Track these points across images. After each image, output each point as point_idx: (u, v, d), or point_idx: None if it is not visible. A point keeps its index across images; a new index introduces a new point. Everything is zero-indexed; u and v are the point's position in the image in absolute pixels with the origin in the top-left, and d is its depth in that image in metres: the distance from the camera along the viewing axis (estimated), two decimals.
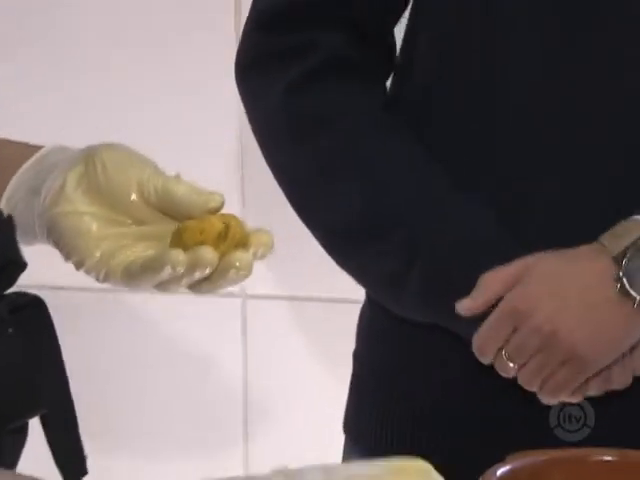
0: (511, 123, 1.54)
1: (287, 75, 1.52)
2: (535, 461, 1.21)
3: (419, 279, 1.47)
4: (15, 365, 1.27)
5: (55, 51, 2.59)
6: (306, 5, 1.54)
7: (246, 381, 2.69)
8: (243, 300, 2.66)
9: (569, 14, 1.52)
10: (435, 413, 1.51)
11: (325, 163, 1.53)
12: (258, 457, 2.70)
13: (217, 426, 2.75)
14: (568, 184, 1.52)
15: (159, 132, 2.53)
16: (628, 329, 1.39)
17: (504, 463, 1.17)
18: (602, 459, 1.22)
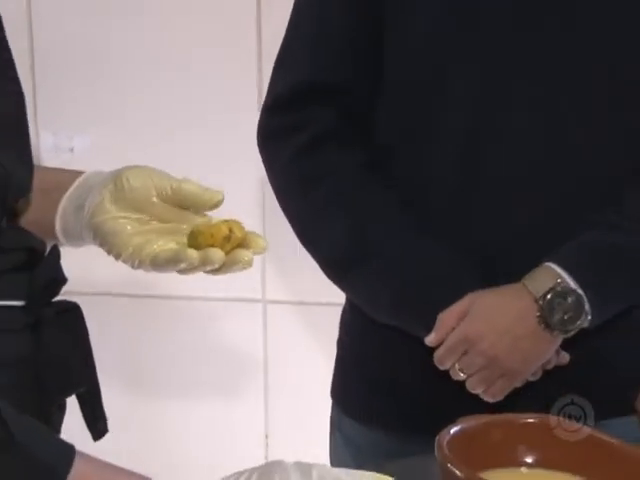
0: (450, 163, 1.70)
1: (291, 145, 1.76)
2: (478, 422, 1.37)
3: (389, 300, 1.71)
4: (61, 356, 1.43)
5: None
6: (304, 93, 1.75)
7: (267, 371, 2.80)
8: (264, 305, 2.79)
9: (494, 86, 1.67)
10: (403, 388, 1.73)
11: (317, 210, 1.75)
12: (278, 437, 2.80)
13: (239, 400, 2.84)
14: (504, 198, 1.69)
15: (197, 165, 2.52)
16: (547, 351, 1.64)
17: (456, 424, 1.34)
18: (526, 421, 1.38)
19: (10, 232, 1.38)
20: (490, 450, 1.35)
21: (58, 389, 1.41)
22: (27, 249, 1.39)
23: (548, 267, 1.62)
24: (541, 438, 1.37)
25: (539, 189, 1.67)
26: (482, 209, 1.69)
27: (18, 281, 1.37)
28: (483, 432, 1.37)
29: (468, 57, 1.68)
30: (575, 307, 1.61)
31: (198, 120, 2.61)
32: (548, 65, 1.66)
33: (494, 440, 1.36)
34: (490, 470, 1.31)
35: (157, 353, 2.70)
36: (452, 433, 1.33)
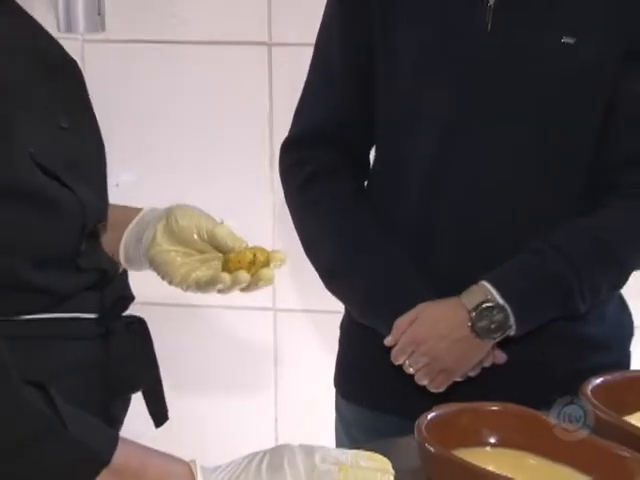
0: (414, 192, 1.71)
1: (298, 177, 1.79)
2: (451, 409, 1.39)
3: (359, 307, 1.75)
4: (126, 362, 1.41)
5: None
6: (311, 136, 1.78)
7: (276, 372, 2.76)
8: (274, 313, 2.74)
9: (442, 143, 1.68)
10: (384, 375, 1.72)
11: (313, 230, 1.79)
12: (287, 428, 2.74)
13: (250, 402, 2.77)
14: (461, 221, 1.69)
15: (222, 189, 2.54)
16: (478, 354, 1.65)
17: (432, 411, 1.36)
18: (490, 408, 1.40)
19: (88, 254, 1.37)
20: (460, 432, 1.36)
21: (122, 388, 1.41)
22: (100, 270, 1.39)
23: (482, 284, 1.63)
24: (502, 422, 1.38)
25: (483, 215, 1.68)
26: (439, 228, 1.70)
27: (92, 297, 1.37)
28: (455, 417, 1.38)
29: (430, 113, 1.69)
30: (501, 319, 1.62)
31: (220, 158, 2.60)
32: (490, 120, 1.67)
33: (463, 424, 1.37)
34: (460, 449, 1.32)
35: (183, 353, 2.68)
36: (429, 418, 1.34)
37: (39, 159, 1.27)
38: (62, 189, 1.30)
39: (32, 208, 1.27)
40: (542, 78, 1.65)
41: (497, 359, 1.67)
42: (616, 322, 1.78)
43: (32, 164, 1.27)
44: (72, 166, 1.33)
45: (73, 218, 1.32)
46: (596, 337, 1.73)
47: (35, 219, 1.28)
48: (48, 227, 1.30)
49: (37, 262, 1.29)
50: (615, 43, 1.64)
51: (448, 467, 1.28)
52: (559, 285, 1.64)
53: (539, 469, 1.31)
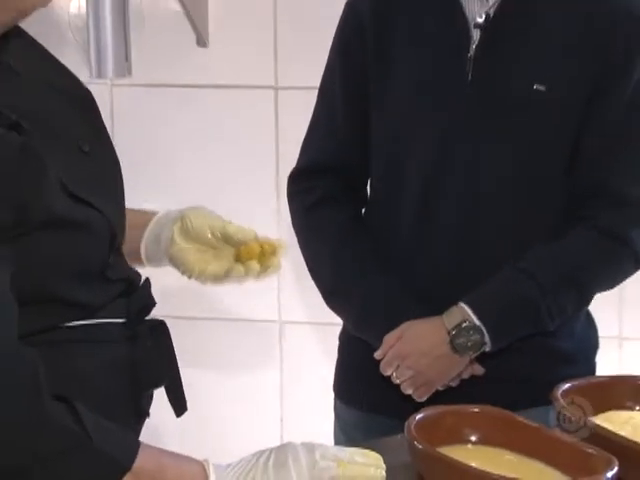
0: (405, 218, 1.71)
1: (303, 204, 1.79)
2: (436, 411, 1.38)
3: (353, 323, 1.74)
4: (154, 359, 1.40)
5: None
6: (314, 168, 1.78)
7: (282, 385, 2.73)
8: (280, 325, 2.72)
9: (430, 177, 1.68)
10: (378, 380, 1.70)
11: (315, 252, 1.79)
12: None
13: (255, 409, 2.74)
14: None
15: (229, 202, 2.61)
16: (457, 368, 1.65)
17: (419, 412, 1.36)
18: (472, 410, 1.39)
19: (114, 266, 1.36)
20: (445, 432, 1.35)
21: (148, 384, 1.41)
22: (126, 280, 1.39)
23: (460, 306, 1.63)
24: (482, 423, 1.38)
25: (466, 237, 1.68)
26: (427, 250, 1.71)
27: (120, 304, 1.36)
28: (440, 418, 1.38)
29: (418, 153, 1.70)
30: (477, 338, 1.62)
31: (233, 189, 2.59)
32: (472, 160, 1.67)
33: (447, 424, 1.37)
34: (445, 446, 1.32)
35: (197, 361, 2.63)
36: (417, 419, 1.34)
37: (70, 188, 1.26)
38: (91, 211, 1.30)
39: (66, 232, 1.27)
40: (517, 121, 1.64)
41: (475, 372, 1.67)
42: (584, 337, 1.77)
43: (64, 195, 1.26)
44: (96, 187, 1.33)
45: (102, 235, 1.33)
46: (566, 351, 1.72)
47: (69, 241, 1.28)
48: (81, 246, 1.30)
49: (73, 278, 1.29)
50: (580, 89, 1.63)
51: (434, 463, 1.29)
52: (529, 307, 1.64)
53: (514, 464, 1.30)
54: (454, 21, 1.65)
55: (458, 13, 1.64)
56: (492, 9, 1.63)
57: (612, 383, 1.47)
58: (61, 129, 1.33)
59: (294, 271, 2.43)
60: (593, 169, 1.67)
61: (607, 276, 1.71)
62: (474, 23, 1.64)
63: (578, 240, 1.67)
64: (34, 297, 1.24)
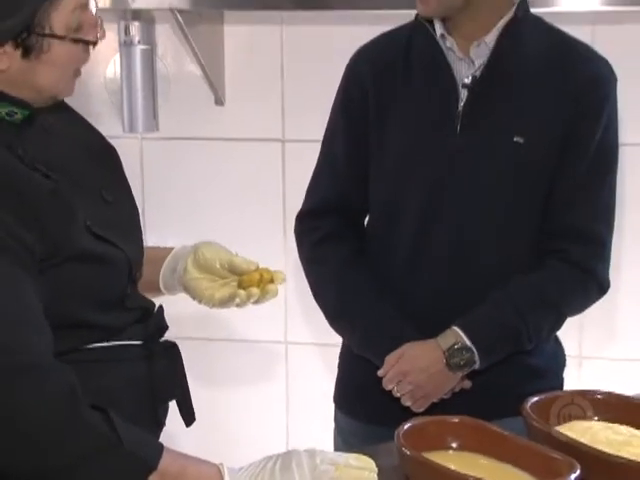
0: (401, 252, 1.69)
1: (309, 241, 1.78)
2: (422, 421, 1.39)
3: (357, 344, 1.72)
4: (167, 376, 1.42)
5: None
6: (319, 209, 1.77)
7: (287, 398, 2.67)
8: (286, 345, 2.65)
9: (423, 216, 1.66)
10: (374, 393, 1.68)
11: (320, 283, 1.78)
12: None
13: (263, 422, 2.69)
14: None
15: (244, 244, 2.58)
16: (450, 383, 1.63)
17: (407, 422, 1.36)
18: (452, 420, 1.39)
19: (132, 297, 1.38)
20: (429, 439, 1.35)
21: (163, 397, 1.41)
22: (142, 308, 1.40)
23: (454, 329, 1.62)
24: (460, 431, 1.38)
25: (454, 271, 1.67)
26: (420, 281, 1.69)
27: (137, 328, 1.38)
28: (424, 427, 1.38)
29: (410, 199, 1.68)
30: (468, 358, 1.61)
31: (245, 228, 2.55)
32: (458, 201, 1.66)
33: (431, 432, 1.37)
34: (428, 452, 1.32)
35: (208, 380, 2.60)
36: (405, 428, 1.35)
37: (95, 230, 1.28)
38: (112, 248, 1.31)
39: (90, 265, 1.28)
40: (499, 169, 1.63)
41: (465, 386, 1.66)
42: (553, 355, 1.76)
43: (90, 235, 1.27)
44: (117, 229, 1.33)
45: (122, 269, 1.33)
46: (537, 367, 1.71)
47: (92, 273, 1.28)
48: (102, 278, 1.30)
49: (95, 305, 1.30)
50: (554, 142, 1.62)
51: (419, 466, 1.29)
52: (512, 331, 1.63)
53: (488, 467, 1.30)
54: (445, 82, 1.63)
55: (448, 75, 1.63)
56: (478, 71, 1.62)
57: (574, 397, 1.47)
58: (86, 180, 1.33)
59: (298, 297, 2.44)
60: (562, 210, 1.65)
61: (577, 303, 1.70)
62: (462, 83, 1.63)
63: (553, 273, 1.66)
64: (62, 321, 1.24)
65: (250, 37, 2.48)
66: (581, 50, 1.66)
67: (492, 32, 1.60)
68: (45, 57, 1.25)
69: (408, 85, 1.66)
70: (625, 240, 1.85)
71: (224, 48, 2.48)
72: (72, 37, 1.25)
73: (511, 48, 1.61)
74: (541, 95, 1.62)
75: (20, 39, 1.22)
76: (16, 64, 1.24)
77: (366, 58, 1.72)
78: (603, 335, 2.39)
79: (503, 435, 1.34)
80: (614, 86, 1.65)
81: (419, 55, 1.65)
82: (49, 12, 1.23)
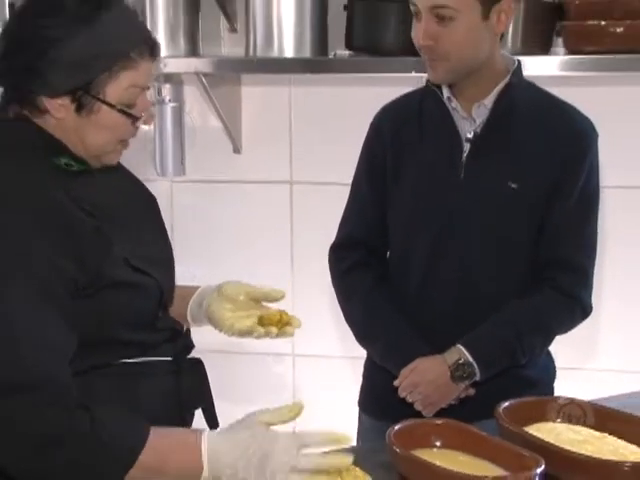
0: (414, 279, 1.69)
1: (339, 269, 1.78)
2: (410, 423, 1.37)
3: (380, 356, 1.72)
4: (193, 388, 1.39)
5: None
6: (347, 242, 1.76)
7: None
8: (293, 358, 2.61)
9: (433, 249, 1.66)
10: (392, 398, 1.67)
11: (351, 308, 1.76)
12: None
13: None
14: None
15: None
16: (455, 393, 1.63)
17: (398, 424, 1.33)
18: (435, 422, 1.40)
19: (163, 319, 1.37)
20: (416, 438, 1.34)
21: (189, 406, 1.38)
22: (172, 329, 1.38)
23: (458, 347, 1.63)
24: (444, 432, 1.36)
25: (459, 299, 1.67)
26: (430, 306, 1.69)
27: (167, 346, 1.36)
28: (412, 428, 1.37)
29: (421, 235, 1.69)
30: (470, 372, 1.62)
31: (257, 261, 2.54)
32: (462, 240, 1.65)
33: (418, 433, 1.36)
34: (415, 450, 1.30)
35: (221, 391, 2.54)
36: (395, 429, 1.33)
37: (132, 262, 1.27)
38: (147, 278, 1.30)
39: (126, 293, 1.27)
40: (497, 211, 1.63)
41: (469, 393, 1.66)
42: (544, 367, 1.75)
43: (127, 267, 1.26)
44: (151, 262, 1.32)
45: (153, 296, 1.32)
46: (530, 377, 1.70)
47: (128, 299, 1.27)
48: (137, 303, 1.29)
49: (130, 326, 1.28)
50: (543, 188, 1.62)
51: (407, 462, 1.28)
52: (509, 348, 1.64)
53: (467, 463, 1.29)
54: (450, 137, 1.65)
55: (453, 131, 1.64)
56: (478, 128, 1.63)
57: (541, 402, 1.46)
58: (129, 222, 1.33)
59: (306, 313, 2.40)
60: (552, 244, 1.65)
61: (564, 325, 1.70)
62: (465, 138, 1.64)
63: (545, 298, 1.66)
64: (99, 339, 1.23)
65: (263, 96, 2.50)
66: (567, 110, 1.67)
67: (491, 95, 1.62)
68: (94, 118, 1.24)
69: (421, 139, 1.68)
70: (606, 271, 1.82)
71: (241, 105, 2.49)
72: (120, 109, 1.24)
73: (506, 109, 1.62)
74: (532, 148, 1.63)
75: (76, 95, 1.22)
76: (70, 117, 1.24)
77: (387, 117, 1.74)
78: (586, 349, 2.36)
79: (480, 435, 1.33)
80: (595, 140, 1.66)
81: (430, 114, 1.67)
82: (107, 81, 1.22)
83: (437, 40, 1.55)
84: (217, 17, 2.38)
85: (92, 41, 1.20)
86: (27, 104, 1.24)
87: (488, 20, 1.55)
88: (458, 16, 1.52)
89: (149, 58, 1.25)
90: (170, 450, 1.17)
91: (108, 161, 1.31)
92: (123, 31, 1.23)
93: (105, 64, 1.21)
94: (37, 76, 1.21)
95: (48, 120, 1.25)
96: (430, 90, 1.66)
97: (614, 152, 1.94)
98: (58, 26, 1.20)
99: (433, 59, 1.58)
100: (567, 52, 2.04)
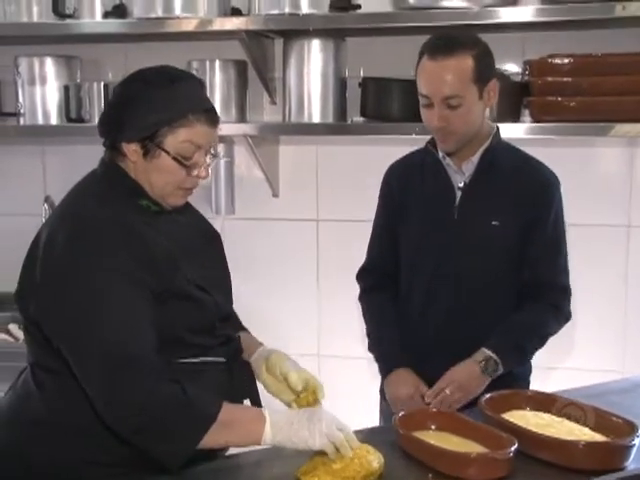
0: (417, 285, 1.68)
1: (362, 287, 1.78)
2: (412, 411, 1.39)
3: (375, 357, 1.72)
4: (244, 384, 1.36)
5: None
6: (368, 267, 1.77)
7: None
8: (318, 358, 2.50)
9: (433, 274, 1.65)
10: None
11: (368, 316, 1.76)
12: None
13: None
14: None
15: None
16: (484, 384, 1.58)
17: (403, 412, 1.35)
18: (432, 410, 1.41)
19: (220, 328, 1.34)
20: (416, 422, 1.34)
21: (239, 398, 1.35)
22: (226, 336, 1.36)
23: (483, 350, 1.59)
24: (439, 418, 1.36)
25: (454, 316, 1.66)
26: (430, 318, 1.68)
27: (222, 349, 1.34)
28: (414, 415, 1.36)
29: (422, 266, 1.69)
30: (494, 367, 1.58)
31: (287, 287, 2.50)
32: (457, 271, 1.65)
33: (418, 418, 1.35)
34: (415, 431, 1.30)
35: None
36: (400, 415, 1.34)
37: (196, 282, 1.27)
38: (207, 296, 1.29)
39: (189, 304, 1.26)
40: (483, 244, 1.63)
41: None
42: (526, 365, 1.73)
43: (192, 285, 1.26)
44: (213, 285, 1.31)
45: (211, 309, 1.30)
46: (517, 374, 1.67)
47: (190, 309, 1.26)
48: (197, 313, 1.27)
49: (192, 332, 1.27)
50: (519, 224, 1.62)
51: (408, 440, 1.28)
52: (522, 350, 1.63)
53: (456, 442, 1.29)
54: (445, 187, 1.65)
55: (447, 182, 1.65)
56: (467, 179, 1.64)
57: (514, 394, 1.45)
58: (196, 252, 1.33)
59: (329, 322, 2.38)
60: (535, 268, 1.64)
61: (553, 330, 1.67)
62: (457, 187, 1.64)
63: (538, 312, 1.64)
64: (166, 338, 1.21)
65: (296, 153, 2.47)
66: (536, 164, 1.67)
67: (477, 154, 1.64)
68: (155, 162, 1.25)
69: (422, 190, 1.69)
70: (577, 290, 1.76)
71: (279, 160, 2.48)
72: (175, 157, 1.25)
73: (489, 164, 1.64)
74: (509, 194, 1.63)
75: (144, 143, 1.24)
76: (140, 161, 1.26)
77: (395, 174, 1.75)
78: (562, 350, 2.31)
79: (467, 420, 1.33)
80: (558, 187, 1.65)
81: (429, 169, 1.68)
82: (167, 134, 1.24)
83: (448, 122, 1.55)
84: (261, 92, 2.38)
85: (161, 103, 1.22)
86: (115, 150, 1.28)
87: (482, 99, 1.57)
88: (463, 101, 1.53)
89: (205, 122, 1.25)
90: (241, 410, 1.19)
91: (172, 202, 1.31)
92: (187, 98, 1.24)
93: (168, 120, 1.23)
94: (120, 126, 1.24)
95: (127, 163, 1.27)
96: (429, 150, 1.68)
97: (575, 198, 1.92)
98: (138, 90, 1.24)
99: (445, 135, 1.58)
100: (532, 120, 2.07)
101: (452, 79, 1.50)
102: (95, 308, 1.15)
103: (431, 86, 1.52)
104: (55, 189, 2.47)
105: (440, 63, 1.50)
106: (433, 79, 1.52)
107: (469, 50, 1.51)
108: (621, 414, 1.28)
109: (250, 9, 2.19)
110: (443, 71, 1.50)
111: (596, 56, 1.98)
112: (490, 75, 1.56)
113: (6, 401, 1.31)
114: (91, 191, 1.27)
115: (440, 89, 1.51)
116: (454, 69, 1.50)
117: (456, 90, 1.51)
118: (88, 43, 2.40)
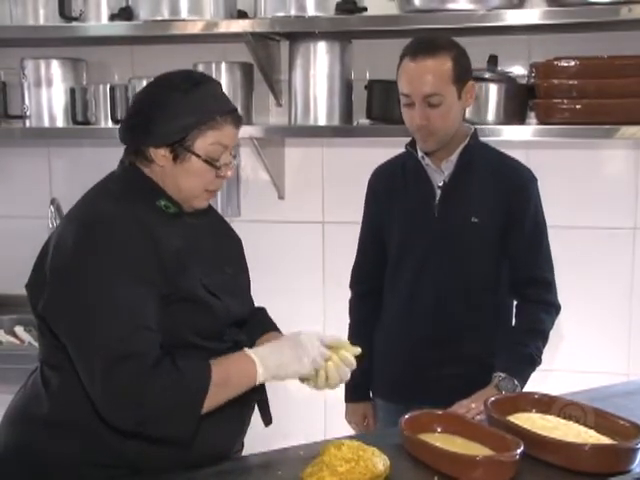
0: (401, 281, 1.69)
1: (351, 296, 1.83)
2: (418, 413, 1.36)
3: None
4: (252, 388, 1.28)
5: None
6: (355, 277, 1.82)
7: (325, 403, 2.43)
8: None
9: (416, 270, 1.66)
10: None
11: (351, 319, 1.83)
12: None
13: None
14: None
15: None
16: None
17: (409, 414, 1.33)
18: (438, 413, 1.36)
19: (229, 334, 1.32)
20: (421, 424, 1.33)
21: (249, 400, 1.32)
22: (235, 341, 1.33)
23: (496, 374, 1.59)
24: (444, 420, 1.35)
25: (436, 316, 1.66)
26: (414, 315, 1.69)
27: (230, 352, 1.29)
28: (419, 417, 1.35)
29: (406, 265, 1.70)
30: (513, 386, 1.58)
31: (291, 291, 2.50)
32: (439, 265, 1.66)
33: (424, 420, 1.34)
34: (421, 434, 1.30)
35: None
36: (406, 417, 1.33)
37: (207, 286, 1.26)
38: (217, 301, 1.27)
39: (198, 307, 1.25)
40: (464, 240, 1.64)
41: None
42: None
43: (202, 288, 1.25)
44: (227, 291, 1.29)
45: (221, 315, 1.28)
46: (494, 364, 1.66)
47: (198, 313, 1.25)
48: (206, 318, 1.26)
49: (199, 334, 1.26)
50: (498, 222, 1.63)
51: (414, 443, 1.28)
52: (530, 358, 1.63)
53: (461, 444, 1.29)
54: (426, 186, 1.68)
55: (427, 182, 1.68)
56: (446, 178, 1.66)
57: (519, 396, 1.45)
58: (212, 256, 1.32)
59: (334, 319, 2.32)
60: (520, 266, 1.66)
61: (551, 324, 1.69)
62: (437, 185, 1.66)
63: (534, 311, 1.65)
64: (173, 340, 1.21)
65: (302, 155, 2.47)
66: (512, 162, 1.69)
67: (455, 153, 1.66)
68: (185, 165, 1.25)
69: (404, 190, 1.72)
70: (583, 292, 1.78)
71: (285, 162, 2.48)
72: (205, 159, 1.25)
73: (467, 163, 1.66)
74: (487, 192, 1.65)
75: (174, 147, 1.24)
76: (168, 165, 1.26)
77: (379, 178, 1.78)
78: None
79: (472, 423, 1.35)
80: (535, 184, 1.67)
81: (410, 170, 1.71)
82: (197, 136, 1.24)
83: (429, 120, 1.58)
84: (266, 94, 2.38)
85: (189, 107, 1.22)
86: (139, 155, 1.27)
87: (461, 99, 1.59)
88: (443, 100, 1.56)
89: (231, 122, 1.26)
90: (230, 362, 1.19)
91: (197, 205, 1.31)
92: (213, 100, 1.25)
93: (196, 124, 1.23)
94: (147, 132, 1.24)
95: (153, 168, 1.27)
96: (409, 153, 1.71)
97: (553, 197, 1.89)
98: (165, 95, 1.23)
99: (425, 134, 1.60)
100: (538, 123, 2.07)
101: (432, 78, 1.53)
102: (99, 306, 1.15)
103: (412, 85, 1.54)
104: (61, 191, 2.48)
105: (421, 63, 1.53)
106: (414, 78, 1.54)
107: (448, 52, 1.54)
108: (627, 417, 1.28)
109: (256, 11, 2.20)
110: (424, 70, 1.53)
111: (602, 58, 1.98)
112: (468, 76, 1.59)
113: (15, 400, 1.31)
114: (107, 190, 1.27)
115: (421, 87, 1.53)
116: (434, 69, 1.53)
117: (436, 89, 1.54)
118: (94, 46, 2.41)
